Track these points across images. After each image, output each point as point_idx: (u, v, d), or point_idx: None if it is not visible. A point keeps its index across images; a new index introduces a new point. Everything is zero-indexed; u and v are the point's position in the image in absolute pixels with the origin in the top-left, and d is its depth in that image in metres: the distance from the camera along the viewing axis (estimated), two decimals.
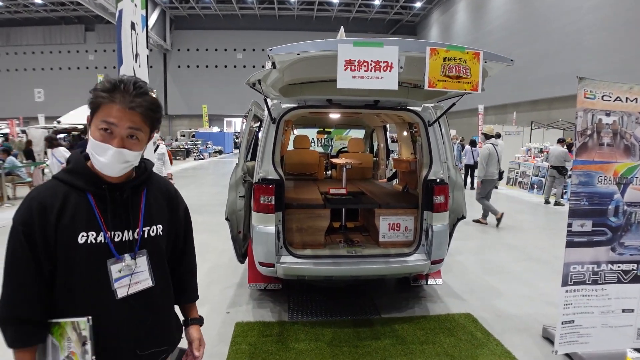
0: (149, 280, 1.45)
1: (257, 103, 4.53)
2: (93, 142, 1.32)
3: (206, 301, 4.50)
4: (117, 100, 1.30)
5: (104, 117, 1.30)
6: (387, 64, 2.61)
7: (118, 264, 1.38)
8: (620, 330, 3.38)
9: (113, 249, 1.37)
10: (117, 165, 1.34)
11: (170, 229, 1.56)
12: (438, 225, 4.02)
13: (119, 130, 1.31)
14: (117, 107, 1.30)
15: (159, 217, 1.51)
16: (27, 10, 37.22)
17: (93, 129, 1.33)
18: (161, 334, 1.52)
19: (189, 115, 40.91)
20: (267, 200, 3.83)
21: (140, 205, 1.45)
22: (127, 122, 1.31)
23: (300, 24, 39.74)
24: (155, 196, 1.52)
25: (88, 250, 1.33)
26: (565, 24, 18.94)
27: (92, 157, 1.35)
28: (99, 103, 1.31)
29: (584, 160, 3.24)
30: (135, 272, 1.41)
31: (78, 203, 1.34)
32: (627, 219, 3.30)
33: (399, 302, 4.52)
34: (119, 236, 1.39)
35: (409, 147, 5.14)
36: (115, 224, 1.38)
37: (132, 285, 1.40)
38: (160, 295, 1.51)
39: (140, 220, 1.44)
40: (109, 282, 1.36)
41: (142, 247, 1.44)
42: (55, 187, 1.35)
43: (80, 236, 1.32)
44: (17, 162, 11.60)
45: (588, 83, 3.22)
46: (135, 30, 2.95)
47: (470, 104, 22.02)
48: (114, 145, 1.31)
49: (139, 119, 1.34)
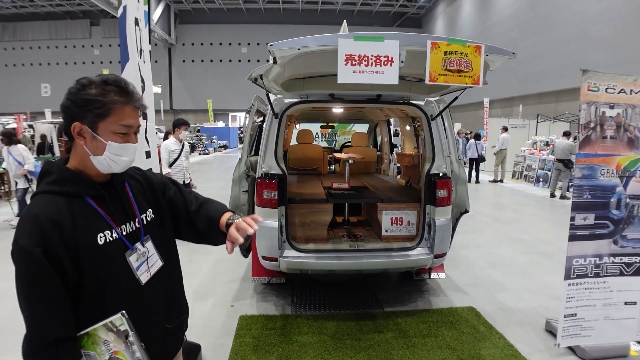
0: (159, 260, 1.54)
1: (259, 98, 4.54)
2: (114, 145, 1.35)
3: (211, 294, 4.55)
4: (129, 102, 1.37)
5: (122, 121, 1.35)
6: (387, 59, 2.61)
7: (134, 254, 1.45)
8: (622, 323, 3.38)
9: (126, 241, 1.43)
10: (134, 156, 1.43)
11: (160, 208, 1.62)
12: (441, 220, 4.02)
13: (135, 130, 1.41)
14: (130, 108, 1.37)
15: (146, 203, 1.57)
16: (33, 5, 37.34)
17: (107, 134, 1.34)
18: (180, 304, 1.66)
19: (194, 110, 40.97)
20: (270, 195, 3.85)
21: (130, 197, 1.51)
22: (137, 120, 1.42)
23: (305, 18, 39.57)
24: (135, 185, 1.57)
25: (109, 249, 1.37)
26: (572, 14, 18.72)
27: (110, 161, 1.36)
28: (110, 108, 1.32)
29: (587, 153, 3.23)
30: (148, 257, 1.50)
31: (83, 208, 1.35)
32: (630, 212, 3.29)
33: (401, 295, 4.54)
34: (125, 229, 1.44)
35: (412, 141, 5.13)
36: (120, 218, 1.43)
37: (149, 269, 1.49)
38: (171, 270, 1.61)
39: (136, 210, 1.50)
40: (132, 272, 1.43)
41: (146, 233, 1.52)
42: (51, 200, 1.30)
43: (99, 238, 1.35)
44: None
45: (592, 75, 3.20)
46: (139, 26, 2.97)
47: (476, 97, 21.87)
48: (133, 142, 1.41)
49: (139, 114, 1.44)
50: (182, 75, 41.44)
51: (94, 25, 40.60)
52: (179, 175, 6.35)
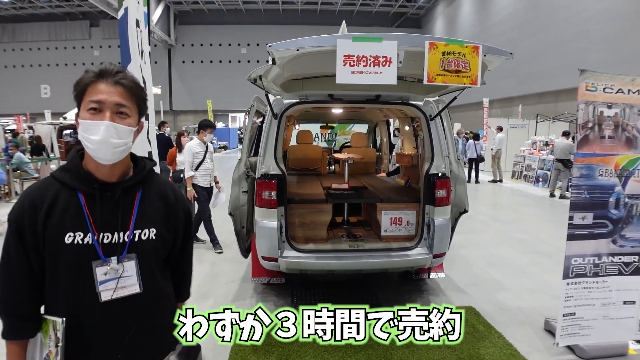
0: (136, 286, 1.37)
1: (259, 99, 4.55)
2: (83, 122, 1.28)
3: (210, 295, 4.56)
4: (101, 80, 1.29)
5: (92, 97, 1.28)
6: (385, 59, 2.62)
7: (103, 266, 1.32)
8: (621, 322, 3.39)
9: (99, 250, 1.32)
10: (110, 143, 1.27)
11: (166, 233, 1.47)
12: (440, 219, 4.03)
13: (107, 106, 1.28)
14: (103, 84, 1.28)
15: (153, 221, 1.42)
16: (33, 6, 37.35)
17: (82, 113, 1.30)
18: (150, 343, 1.45)
19: (194, 110, 40.97)
20: (269, 195, 3.86)
21: (134, 207, 1.38)
22: (115, 96, 1.29)
23: (304, 18, 39.57)
24: (152, 199, 1.44)
25: (74, 250, 1.30)
26: (572, 14, 18.73)
27: (84, 143, 1.30)
28: (84, 86, 1.29)
29: (585, 153, 3.24)
30: (121, 276, 1.35)
31: (68, 202, 1.31)
32: (628, 212, 3.30)
33: (401, 295, 4.55)
34: (108, 238, 1.33)
35: (411, 141, 5.14)
36: (104, 225, 1.33)
37: (117, 289, 1.34)
38: (151, 302, 1.43)
39: (132, 223, 1.37)
40: (93, 284, 1.31)
41: (131, 251, 1.37)
42: (48, 185, 1.35)
43: (67, 236, 1.29)
44: (24, 157, 11.72)
45: (589, 75, 3.21)
46: (139, 27, 2.98)
47: (476, 98, 21.87)
48: (105, 119, 1.27)
49: (126, 94, 1.31)
50: (182, 76, 41.45)
51: (93, 26, 40.61)
52: (205, 178, 6.05)
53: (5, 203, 10.17)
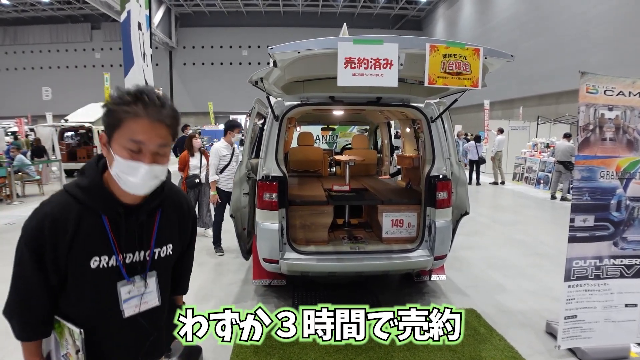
0: (156, 300, 1.44)
1: (260, 101, 4.56)
2: (120, 161, 1.21)
3: (212, 297, 4.56)
4: (144, 114, 1.19)
5: (132, 136, 1.19)
6: (387, 62, 2.62)
7: (128, 285, 1.35)
8: (623, 325, 3.38)
9: (124, 271, 1.34)
10: (148, 184, 1.26)
11: (178, 246, 1.53)
12: (441, 221, 4.03)
13: (149, 147, 1.21)
14: (145, 121, 1.19)
15: (170, 237, 1.46)
16: (34, 9, 37.44)
17: (117, 148, 1.22)
18: (161, 346, 1.56)
19: (195, 112, 41.00)
20: (270, 197, 3.86)
21: (154, 227, 1.40)
22: (156, 137, 1.22)
23: (305, 21, 39.61)
24: (169, 215, 1.46)
25: (99, 273, 1.30)
26: (572, 16, 18.74)
27: (118, 178, 1.25)
28: (121, 118, 1.19)
29: (586, 155, 3.24)
30: (144, 292, 1.40)
31: (92, 226, 1.29)
32: (630, 214, 3.30)
33: (402, 297, 4.55)
34: (130, 258, 1.35)
35: (412, 143, 5.14)
36: (127, 246, 1.34)
37: (139, 305, 1.39)
38: (164, 311, 1.51)
39: (153, 242, 1.40)
40: (118, 303, 1.35)
41: (152, 269, 1.42)
42: (69, 205, 1.27)
43: (93, 261, 1.29)
44: (26, 160, 11.74)
45: (590, 78, 3.21)
46: (141, 30, 3.00)
47: (477, 100, 21.87)
48: (146, 162, 1.22)
49: (166, 132, 1.25)
50: (183, 78, 41.50)
51: (94, 29, 40.67)
52: (228, 182, 5.64)
53: (7, 205, 10.18)
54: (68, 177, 14.11)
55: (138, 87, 1.24)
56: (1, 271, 3.51)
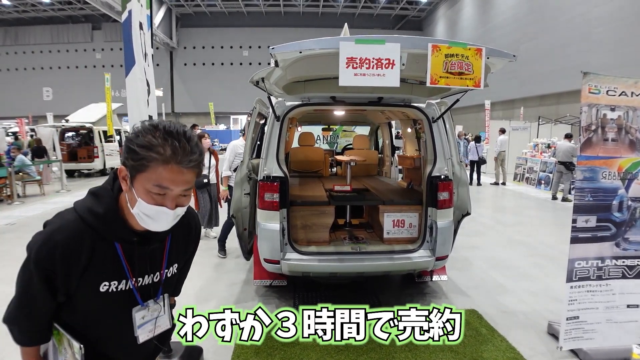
0: (167, 322, 1.44)
1: (261, 101, 4.55)
2: (143, 205, 1.18)
3: (212, 297, 4.55)
4: (173, 161, 1.13)
5: (158, 182, 1.14)
6: (388, 61, 2.61)
7: (142, 310, 1.35)
8: (625, 326, 3.37)
9: (138, 295, 1.34)
10: (169, 224, 1.25)
11: (183, 262, 1.54)
12: (442, 222, 4.02)
13: (175, 192, 1.18)
14: (174, 169, 1.13)
15: (177, 258, 1.47)
16: (35, 9, 37.47)
17: (140, 190, 1.17)
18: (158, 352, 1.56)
19: (196, 113, 41.04)
20: (271, 198, 3.85)
21: (165, 252, 1.40)
22: (183, 183, 1.17)
23: (306, 21, 39.63)
24: (177, 237, 1.44)
25: (109, 298, 1.28)
26: (574, 16, 18.73)
27: (139, 218, 1.22)
28: (148, 163, 1.13)
29: (588, 155, 3.23)
30: (158, 316, 1.40)
31: (105, 254, 1.26)
32: (632, 215, 3.28)
33: (403, 298, 4.53)
34: (140, 281, 1.35)
35: (414, 143, 5.14)
36: (141, 270, 1.34)
37: (152, 330, 1.40)
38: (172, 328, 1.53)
39: (164, 265, 1.40)
40: (132, 329, 1.34)
41: (164, 290, 1.43)
42: (81, 233, 1.23)
43: (102, 285, 1.27)
44: (26, 160, 11.75)
45: (592, 78, 3.20)
46: (142, 30, 2.99)
47: (478, 100, 21.88)
48: (170, 207, 1.19)
49: (193, 177, 1.20)
50: (184, 79, 41.53)
51: (95, 29, 40.70)
52: None
53: (8, 205, 10.18)
54: (69, 178, 14.14)
55: (166, 126, 1.16)
56: (1, 272, 3.51)
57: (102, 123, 15.53)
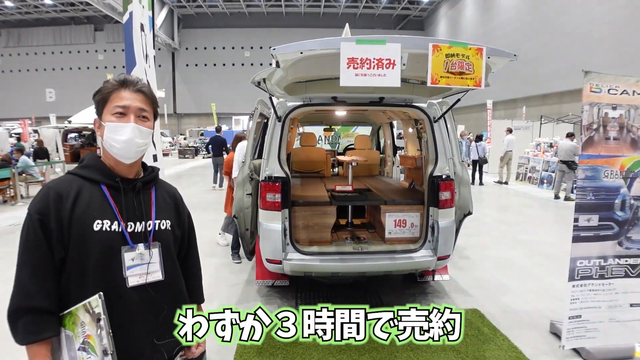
0: (159, 273, 1.49)
1: (263, 101, 4.56)
2: (110, 125, 1.42)
3: (215, 297, 4.56)
4: (124, 88, 1.45)
5: (117, 102, 1.43)
6: (389, 61, 2.62)
7: (131, 252, 1.43)
8: (628, 325, 3.37)
9: (128, 237, 1.43)
10: (134, 143, 1.43)
11: (177, 229, 1.61)
12: (444, 222, 4.02)
13: (132, 110, 1.44)
14: (127, 91, 1.44)
15: (167, 214, 1.57)
16: (38, 11, 37.63)
17: (107, 117, 1.43)
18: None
19: (198, 113, 41.15)
20: (273, 198, 3.86)
21: (151, 200, 1.53)
22: (138, 102, 1.45)
23: (308, 21, 39.66)
24: (163, 195, 1.60)
25: (103, 237, 1.38)
26: (575, 15, 18.70)
27: (110, 144, 1.43)
28: (108, 93, 1.44)
29: (590, 154, 3.22)
30: (148, 262, 1.46)
31: (92, 193, 1.41)
32: (634, 213, 3.28)
33: (405, 298, 4.54)
34: (131, 227, 1.44)
35: (415, 143, 5.13)
36: (129, 215, 1.44)
37: (142, 275, 1.45)
38: (173, 287, 1.55)
39: (153, 213, 1.51)
40: (122, 269, 1.41)
41: (155, 239, 1.50)
42: (70, 179, 1.44)
43: (96, 223, 1.38)
44: (30, 161, 11.79)
45: (594, 77, 3.20)
46: (144, 31, 3.00)
47: (479, 99, 21.87)
48: (130, 122, 1.43)
49: (146, 100, 1.48)
50: (186, 79, 41.63)
51: (98, 30, 40.87)
52: None
53: (11, 206, 10.22)
54: None
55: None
56: (4, 273, 3.53)
57: None
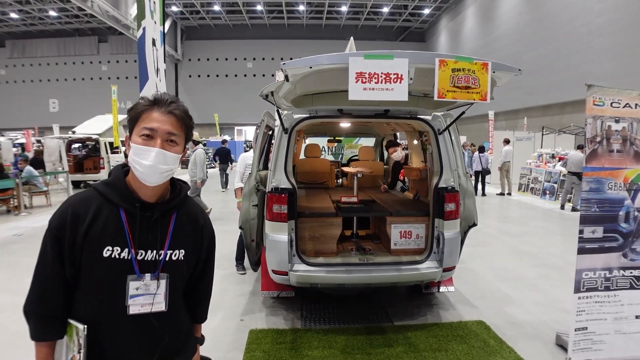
0: (162, 304, 1.44)
1: (269, 114, 4.62)
2: (135, 147, 1.36)
3: (220, 308, 4.57)
4: (156, 108, 1.39)
5: (145, 124, 1.37)
6: (397, 76, 2.67)
7: (137, 281, 1.39)
8: (634, 337, 3.38)
9: (136, 266, 1.39)
10: (158, 169, 1.36)
11: (191, 256, 1.54)
12: (449, 233, 4.04)
13: (159, 134, 1.38)
14: (157, 113, 1.38)
15: (183, 243, 1.50)
16: (42, 22, 38.02)
17: (134, 138, 1.38)
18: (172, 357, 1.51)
19: (201, 124, 41.31)
20: (279, 209, 3.89)
21: (169, 229, 1.47)
22: (167, 125, 1.38)
23: (310, 33, 39.98)
24: (183, 222, 1.52)
25: (111, 264, 1.36)
26: (576, 27, 18.84)
27: (133, 165, 1.38)
28: (139, 113, 1.39)
29: (594, 166, 3.26)
30: (152, 293, 1.42)
31: (109, 215, 1.38)
32: (638, 225, 3.31)
33: (411, 309, 4.55)
34: (142, 254, 1.41)
35: (420, 155, 5.18)
36: (141, 243, 1.40)
37: (145, 305, 1.41)
38: (175, 318, 1.51)
39: (167, 243, 1.45)
40: (124, 297, 1.38)
41: (164, 271, 1.45)
42: (90, 197, 1.41)
43: (106, 250, 1.35)
44: (34, 171, 11.84)
45: (597, 90, 3.25)
46: (155, 46, 3.07)
47: (481, 110, 21.93)
48: (156, 146, 1.36)
49: (176, 123, 1.41)
50: (189, 90, 41.87)
51: (101, 42, 41.24)
52: None
53: (15, 216, 10.26)
54: (75, 189, 14.22)
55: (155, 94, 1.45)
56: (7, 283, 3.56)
57: (108, 134, 15.68)
